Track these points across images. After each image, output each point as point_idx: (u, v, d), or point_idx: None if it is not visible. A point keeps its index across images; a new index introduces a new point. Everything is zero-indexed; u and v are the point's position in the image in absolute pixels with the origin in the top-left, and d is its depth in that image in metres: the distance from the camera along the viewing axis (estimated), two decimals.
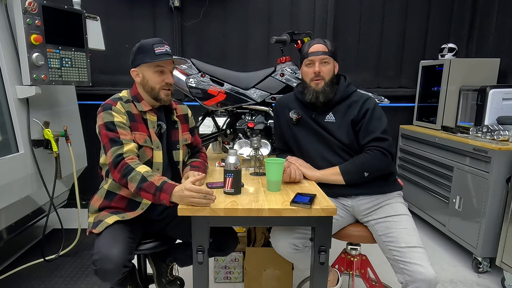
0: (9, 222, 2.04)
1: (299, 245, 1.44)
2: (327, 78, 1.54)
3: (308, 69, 1.56)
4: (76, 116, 2.63)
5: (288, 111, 1.66)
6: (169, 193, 1.25)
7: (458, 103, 2.80)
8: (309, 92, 1.56)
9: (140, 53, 1.42)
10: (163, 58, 1.40)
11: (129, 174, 1.31)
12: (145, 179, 1.29)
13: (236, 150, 1.43)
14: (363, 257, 1.71)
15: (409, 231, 1.41)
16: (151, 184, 1.28)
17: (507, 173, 2.07)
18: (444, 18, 3.21)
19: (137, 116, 1.46)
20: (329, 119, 1.58)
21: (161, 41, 1.43)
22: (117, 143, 1.36)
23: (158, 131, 1.49)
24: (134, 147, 1.38)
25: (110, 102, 1.42)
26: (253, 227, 2.13)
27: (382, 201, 1.53)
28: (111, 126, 1.38)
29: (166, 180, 1.31)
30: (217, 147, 2.20)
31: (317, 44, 1.55)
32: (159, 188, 1.27)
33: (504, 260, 2.05)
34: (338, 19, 3.16)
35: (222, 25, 3.15)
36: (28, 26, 1.91)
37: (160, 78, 1.44)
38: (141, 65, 1.43)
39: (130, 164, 1.32)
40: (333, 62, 1.57)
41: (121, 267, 1.27)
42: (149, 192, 1.29)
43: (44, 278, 2.12)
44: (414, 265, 1.30)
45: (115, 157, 1.34)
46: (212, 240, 1.28)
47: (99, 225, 1.38)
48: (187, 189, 1.20)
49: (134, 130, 1.43)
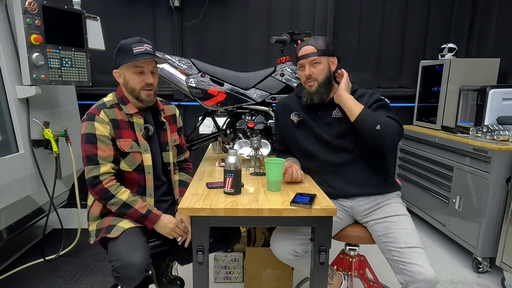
0: (9, 222, 2.04)
1: (299, 251, 1.43)
2: (321, 78, 1.52)
3: (301, 73, 1.57)
4: (76, 116, 2.63)
5: (289, 113, 1.65)
6: (153, 222, 1.41)
7: (458, 103, 2.80)
8: (304, 94, 1.57)
9: (120, 54, 1.40)
10: (141, 57, 1.37)
11: (110, 199, 1.37)
12: (128, 205, 1.38)
13: (236, 150, 1.43)
14: (362, 258, 1.71)
15: (408, 231, 1.41)
16: (135, 212, 1.39)
17: (507, 173, 2.07)
18: (444, 18, 3.21)
19: (121, 122, 1.43)
20: (336, 115, 1.58)
21: (140, 40, 1.40)
22: (93, 162, 1.37)
23: (145, 134, 1.47)
24: (110, 168, 1.38)
25: (94, 111, 1.40)
26: (253, 227, 2.13)
27: (381, 201, 1.53)
28: (91, 138, 1.37)
29: (151, 210, 1.41)
30: (217, 147, 2.20)
31: (306, 46, 1.53)
32: (144, 216, 1.40)
33: (504, 260, 2.05)
34: (338, 19, 3.16)
35: (222, 25, 3.15)
36: (28, 26, 1.91)
37: (140, 79, 1.41)
38: (121, 66, 1.42)
39: (109, 190, 1.37)
40: (326, 60, 1.53)
41: (143, 272, 1.29)
42: (132, 217, 1.40)
43: (44, 278, 2.12)
44: (414, 265, 1.30)
45: (91, 178, 1.37)
46: (216, 232, 1.31)
47: (114, 229, 1.36)
48: (170, 230, 1.43)
49: (119, 138, 1.42)
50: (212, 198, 1.28)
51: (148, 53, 1.39)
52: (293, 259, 1.45)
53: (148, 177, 1.47)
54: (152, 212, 1.41)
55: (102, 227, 1.41)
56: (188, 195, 1.32)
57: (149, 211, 1.40)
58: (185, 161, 1.74)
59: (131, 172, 1.45)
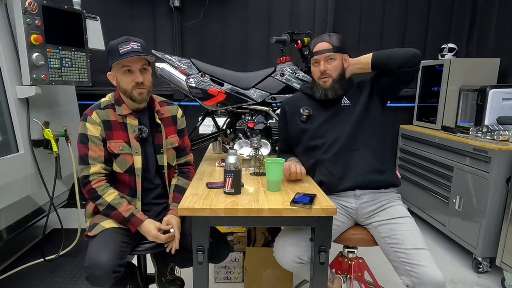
0: (9, 222, 2.04)
1: (304, 258, 1.38)
2: (335, 75, 1.56)
3: (315, 68, 1.59)
4: (76, 116, 2.63)
5: (298, 108, 1.67)
6: (135, 226, 1.40)
7: (458, 103, 2.80)
8: (318, 90, 1.60)
9: (109, 55, 1.40)
10: (126, 56, 1.35)
11: (97, 199, 1.40)
12: (113, 208, 1.39)
13: (236, 150, 1.43)
14: (360, 260, 1.69)
15: (414, 233, 1.39)
16: (118, 214, 1.39)
17: (507, 173, 2.07)
18: (444, 18, 3.21)
19: (114, 123, 1.43)
20: (345, 103, 1.62)
21: (127, 39, 1.38)
22: (84, 162, 1.41)
23: (138, 135, 1.46)
24: (100, 168, 1.40)
25: (88, 112, 1.43)
26: (253, 227, 2.13)
27: (385, 203, 1.52)
28: (83, 138, 1.41)
29: (134, 213, 1.40)
30: (217, 147, 2.20)
31: (321, 42, 1.57)
32: (126, 220, 1.39)
33: (504, 260, 2.05)
34: (338, 19, 3.16)
35: (222, 25, 3.15)
36: (28, 26, 1.91)
37: (129, 78, 1.39)
38: (112, 68, 1.41)
39: (97, 191, 1.39)
40: (340, 57, 1.57)
41: (111, 273, 1.26)
42: (116, 219, 1.41)
43: (44, 278, 2.12)
44: (422, 267, 1.28)
45: (82, 178, 1.41)
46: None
47: (95, 228, 1.38)
48: (153, 237, 1.39)
49: (109, 139, 1.42)
50: (212, 198, 1.28)
51: (134, 51, 1.36)
52: (297, 266, 1.40)
53: (138, 180, 1.46)
54: (135, 216, 1.39)
55: (90, 225, 1.44)
56: (188, 195, 1.32)
57: (132, 215, 1.39)
58: (186, 164, 1.67)
59: (122, 174, 1.45)
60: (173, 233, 1.41)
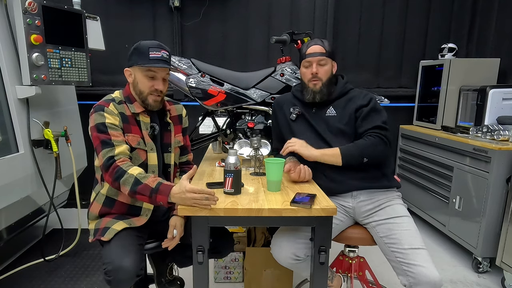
0: (9, 222, 2.04)
1: (300, 255, 1.41)
2: (325, 79, 1.58)
3: (306, 70, 1.60)
4: (76, 116, 2.63)
5: (287, 107, 1.69)
6: (166, 194, 1.24)
7: (458, 103, 2.80)
8: (307, 92, 1.60)
9: (135, 54, 1.40)
10: (155, 64, 1.37)
11: (121, 177, 1.29)
12: (138, 181, 1.27)
13: (236, 150, 1.43)
14: (361, 259, 1.69)
15: (411, 232, 1.40)
16: (145, 187, 1.26)
17: (507, 173, 2.07)
18: (444, 18, 3.21)
19: (130, 118, 1.43)
20: (330, 113, 1.61)
21: (159, 46, 1.39)
22: (108, 145, 1.33)
23: (151, 133, 1.47)
24: (125, 149, 1.36)
25: (103, 103, 1.40)
26: (253, 227, 2.13)
27: (382, 202, 1.52)
28: (102, 127, 1.35)
29: (162, 181, 1.28)
30: (217, 147, 2.20)
31: (315, 45, 1.58)
32: (154, 190, 1.26)
33: (504, 260, 2.05)
34: (338, 19, 3.16)
35: (222, 25, 3.15)
36: (28, 26, 1.91)
37: (150, 83, 1.40)
38: (134, 66, 1.41)
39: (121, 167, 1.30)
40: (331, 62, 1.60)
41: (135, 277, 1.27)
42: (144, 194, 1.27)
43: (44, 278, 2.12)
44: (419, 267, 1.29)
45: (106, 160, 1.32)
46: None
47: (107, 232, 1.36)
48: (188, 190, 1.17)
49: (127, 132, 1.41)
50: None
51: (164, 60, 1.39)
52: (294, 263, 1.43)
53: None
54: (163, 183, 1.27)
55: (100, 227, 1.41)
56: None
57: (159, 183, 1.27)
58: (187, 163, 1.69)
59: None
60: (175, 234, 1.42)
